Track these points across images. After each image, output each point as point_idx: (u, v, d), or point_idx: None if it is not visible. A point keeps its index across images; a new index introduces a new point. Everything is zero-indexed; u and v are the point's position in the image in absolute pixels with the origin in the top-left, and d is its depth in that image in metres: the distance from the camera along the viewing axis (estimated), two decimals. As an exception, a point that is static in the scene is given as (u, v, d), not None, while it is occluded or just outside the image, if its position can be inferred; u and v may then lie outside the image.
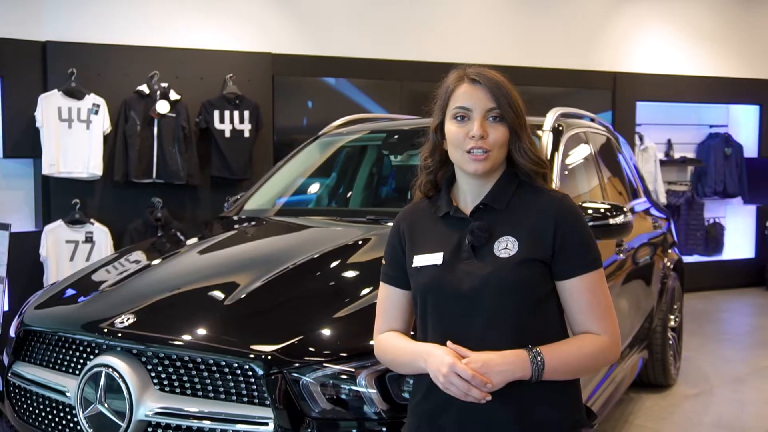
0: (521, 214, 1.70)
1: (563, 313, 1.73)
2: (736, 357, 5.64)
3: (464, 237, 1.70)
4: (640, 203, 4.56)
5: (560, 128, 3.49)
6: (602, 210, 2.91)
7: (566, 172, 3.37)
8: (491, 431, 1.65)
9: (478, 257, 1.67)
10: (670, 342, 4.70)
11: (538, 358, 1.60)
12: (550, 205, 1.69)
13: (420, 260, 1.73)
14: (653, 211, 4.76)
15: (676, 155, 8.38)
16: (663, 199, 7.82)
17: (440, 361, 1.61)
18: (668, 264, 4.64)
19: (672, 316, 4.78)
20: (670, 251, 4.77)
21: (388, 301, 1.85)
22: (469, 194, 1.74)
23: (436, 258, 1.70)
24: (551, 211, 1.68)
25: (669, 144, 8.40)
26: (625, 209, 2.95)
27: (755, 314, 7.56)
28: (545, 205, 1.70)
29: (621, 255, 3.60)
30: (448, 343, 1.65)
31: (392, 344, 1.80)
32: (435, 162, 1.79)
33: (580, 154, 3.69)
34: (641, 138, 7.88)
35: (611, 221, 2.89)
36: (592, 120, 4.28)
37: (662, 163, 8.05)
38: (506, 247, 1.66)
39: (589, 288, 1.68)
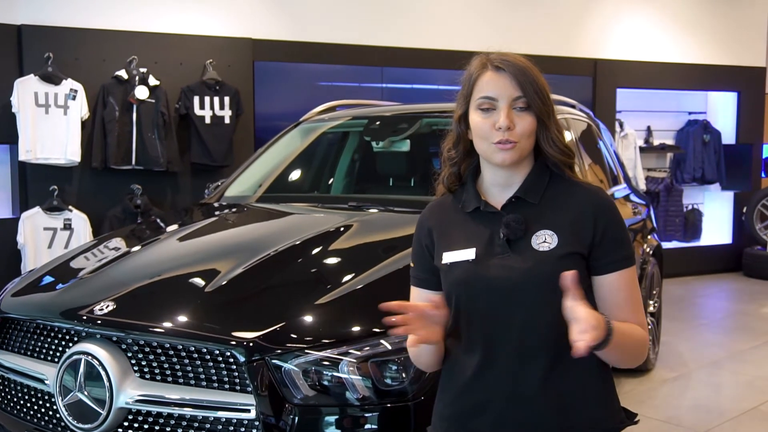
0: (557, 207, 1.61)
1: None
2: (713, 341, 5.71)
3: (496, 231, 1.59)
4: (621, 190, 4.59)
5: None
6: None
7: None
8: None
9: (514, 251, 1.57)
10: (649, 327, 4.74)
11: (609, 323, 1.47)
12: (588, 199, 1.62)
13: (450, 257, 1.62)
14: (633, 198, 4.80)
15: (656, 142, 8.44)
16: (642, 186, 7.88)
17: None
18: (648, 250, 4.68)
19: (651, 302, 4.83)
20: (649, 237, 4.81)
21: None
22: (497, 187, 1.64)
23: (468, 254, 1.60)
24: (590, 205, 1.60)
25: (648, 131, 8.45)
26: (605, 195, 2.96)
27: (732, 299, 7.66)
28: (582, 198, 1.62)
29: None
30: None
31: None
32: (459, 153, 1.67)
33: (561, 140, 3.69)
34: (621, 125, 7.92)
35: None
36: (573, 107, 4.30)
37: (642, 149, 8.09)
38: (545, 240, 1.56)
39: (628, 283, 1.61)
